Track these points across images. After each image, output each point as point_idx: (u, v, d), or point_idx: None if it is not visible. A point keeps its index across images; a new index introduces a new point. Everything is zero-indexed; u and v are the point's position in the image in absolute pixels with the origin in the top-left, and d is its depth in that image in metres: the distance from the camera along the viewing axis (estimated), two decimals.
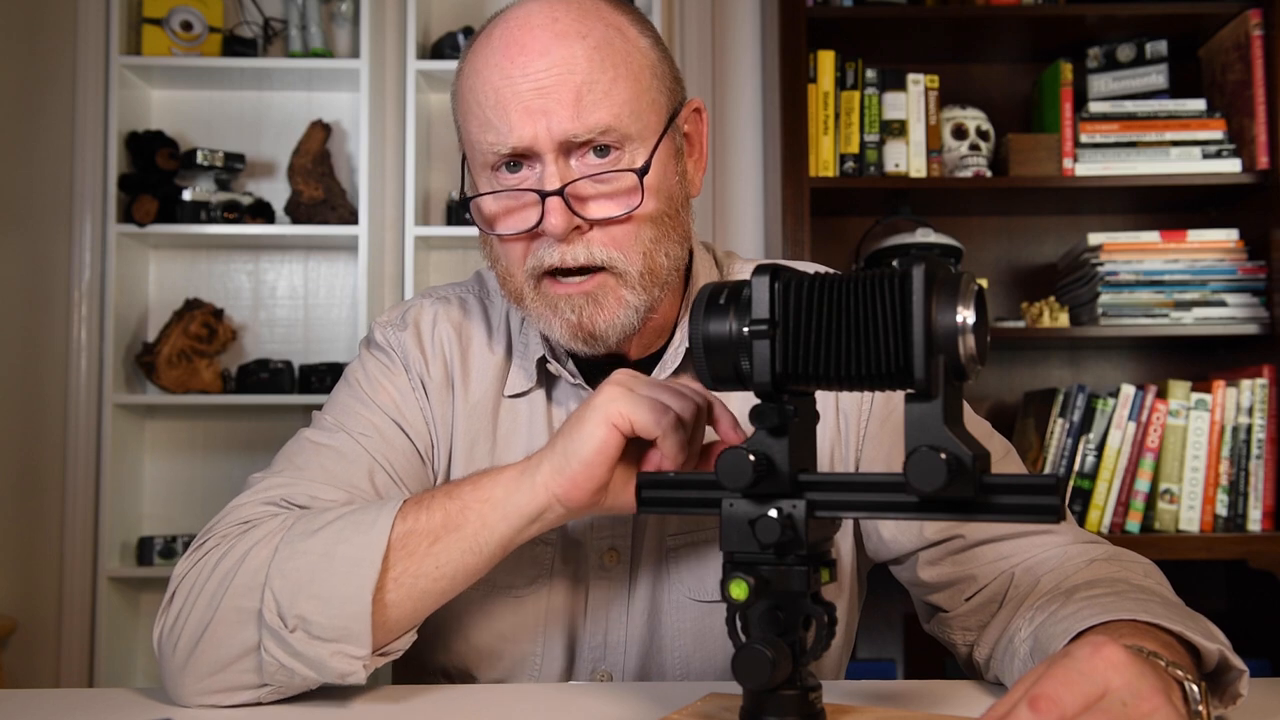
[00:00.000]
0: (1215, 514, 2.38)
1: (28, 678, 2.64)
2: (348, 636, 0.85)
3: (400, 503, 0.90)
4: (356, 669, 0.86)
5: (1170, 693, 0.65)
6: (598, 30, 0.97)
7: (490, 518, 0.88)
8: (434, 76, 2.74)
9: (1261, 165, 2.44)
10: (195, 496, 2.81)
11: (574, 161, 0.97)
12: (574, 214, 0.95)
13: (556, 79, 0.94)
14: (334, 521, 0.89)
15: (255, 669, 0.87)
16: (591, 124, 0.95)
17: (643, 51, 1.00)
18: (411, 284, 2.67)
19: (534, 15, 0.97)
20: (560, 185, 0.95)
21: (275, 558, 0.88)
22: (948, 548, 0.99)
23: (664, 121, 1.00)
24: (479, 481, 0.91)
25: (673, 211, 1.01)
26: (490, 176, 1.00)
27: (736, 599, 0.70)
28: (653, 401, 0.86)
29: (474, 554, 0.89)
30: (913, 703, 0.86)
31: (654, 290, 1.00)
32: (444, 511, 0.89)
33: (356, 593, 0.85)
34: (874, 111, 2.56)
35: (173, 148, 2.72)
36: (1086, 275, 2.55)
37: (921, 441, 0.65)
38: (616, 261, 0.97)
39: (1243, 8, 2.49)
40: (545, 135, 0.95)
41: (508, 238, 0.99)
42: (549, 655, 1.05)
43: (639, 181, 0.97)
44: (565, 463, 0.86)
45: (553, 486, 0.87)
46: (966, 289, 0.66)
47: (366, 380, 1.09)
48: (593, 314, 0.98)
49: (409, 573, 0.87)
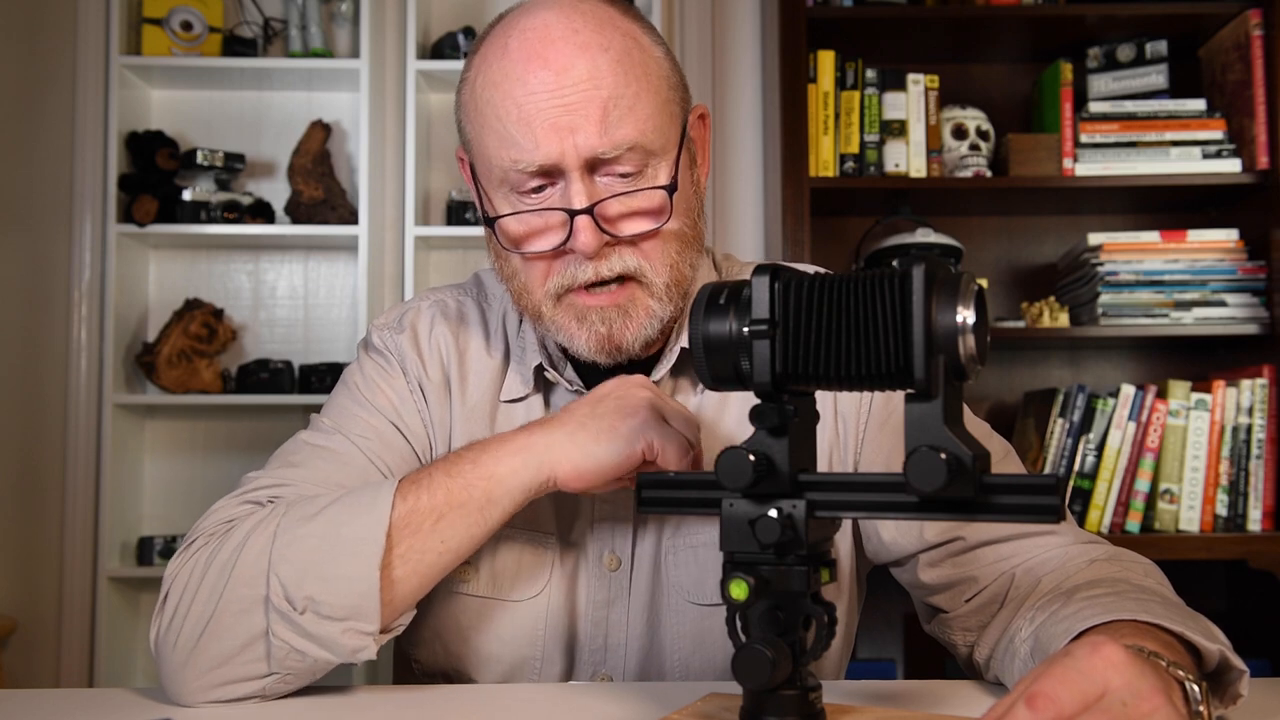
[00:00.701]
0: (1215, 514, 2.38)
1: (28, 678, 2.64)
2: (358, 614, 0.87)
3: (395, 483, 0.92)
4: (368, 644, 0.88)
5: (1171, 693, 0.65)
6: (618, 42, 0.95)
7: (495, 493, 0.92)
8: (434, 76, 2.74)
9: (1261, 165, 2.44)
10: (195, 496, 2.81)
11: (599, 177, 0.96)
12: (604, 231, 0.95)
13: (582, 95, 0.93)
14: (329, 506, 0.91)
15: (263, 657, 0.87)
16: (619, 140, 0.94)
17: (658, 62, 0.99)
18: (411, 284, 2.67)
19: (553, 26, 0.95)
20: (589, 203, 0.94)
21: (275, 544, 0.88)
22: (948, 549, 0.99)
23: (680, 132, 1.00)
24: (478, 459, 0.93)
25: (692, 222, 1.02)
26: (508, 193, 0.98)
27: (736, 599, 0.70)
28: (681, 439, 0.92)
29: (479, 526, 0.92)
30: (913, 703, 0.86)
31: (678, 300, 1.01)
32: (445, 490, 0.91)
33: (365, 571, 0.87)
34: (874, 111, 2.56)
35: (173, 148, 2.72)
36: (1086, 275, 2.55)
37: (921, 441, 0.65)
38: (646, 272, 0.98)
39: (1243, 8, 2.49)
40: (573, 153, 0.93)
41: (532, 256, 0.99)
42: (549, 659, 1.05)
43: (668, 198, 0.96)
44: (581, 459, 0.91)
45: (559, 471, 0.92)
46: (966, 289, 0.66)
47: (364, 383, 1.09)
48: (622, 326, 0.98)
49: (415, 549, 0.90)
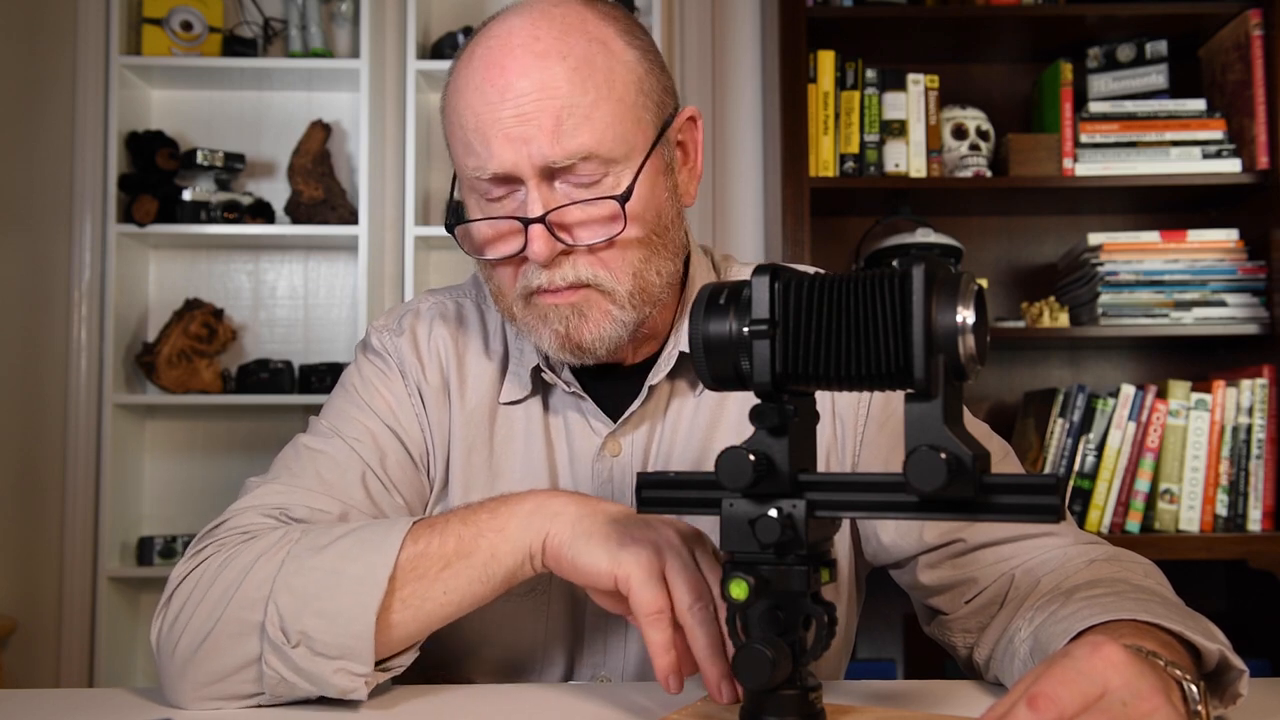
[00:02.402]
0: (1215, 514, 2.38)
1: (28, 678, 2.64)
2: (350, 654, 0.85)
3: (410, 524, 0.89)
4: (358, 685, 0.86)
5: (1170, 692, 0.65)
6: (579, 48, 0.95)
7: (500, 549, 0.88)
8: (434, 76, 2.74)
9: (1261, 165, 2.44)
10: (195, 496, 2.81)
11: (558, 184, 0.96)
12: (557, 239, 0.95)
13: (535, 104, 0.93)
14: (342, 538, 0.89)
15: (255, 680, 0.87)
16: (572, 149, 0.93)
17: (628, 66, 0.97)
18: (411, 284, 2.68)
19: (515, 34, 0.95)
20: (543, 212, 0.94)
21: (281, 572, 0.87)
22: (947, 551, 0.99)
23: (651, 138, 0.98)
24: (496, 510, 0.90)
25: (662, 229, 1.00)
26: (477, 198, 0.99)
27: (736, 599, 0.70)
28: (660, 598, 0.81)
29: (482, 583, 0.88)
30: (913, 703, 0.86)
31: (645, 308, 1.00)
32: (457, 537, 0.88)
33: (361, 611, 0.85)
34: (874, 111, 2.56)
35: (173, 148, 2.72)
36: (1086, 275, 2.55)
37: (921, 441, 0.65)
38: (604, 280, 0.97)
39: (1243, 8, 2.49)
40: (526, 162, 0.93)
41: (496, 262, 0.99)
42: (550, 659, 1.05)
43: (621, 208, 0.95)
44: (571, 546, 0.85)
45: (549, 547, 0.86)
46: (966, 289, 0.66)
47: (362, 385, 1.09)
48: (579, 326, 0.97)
49: (417, 594, 0.87)
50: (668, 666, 0.80)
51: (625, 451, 1.06)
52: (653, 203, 0.99)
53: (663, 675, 0.80)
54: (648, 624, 0.81)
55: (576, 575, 0.85)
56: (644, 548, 0.83)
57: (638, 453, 1.06)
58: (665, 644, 0.80)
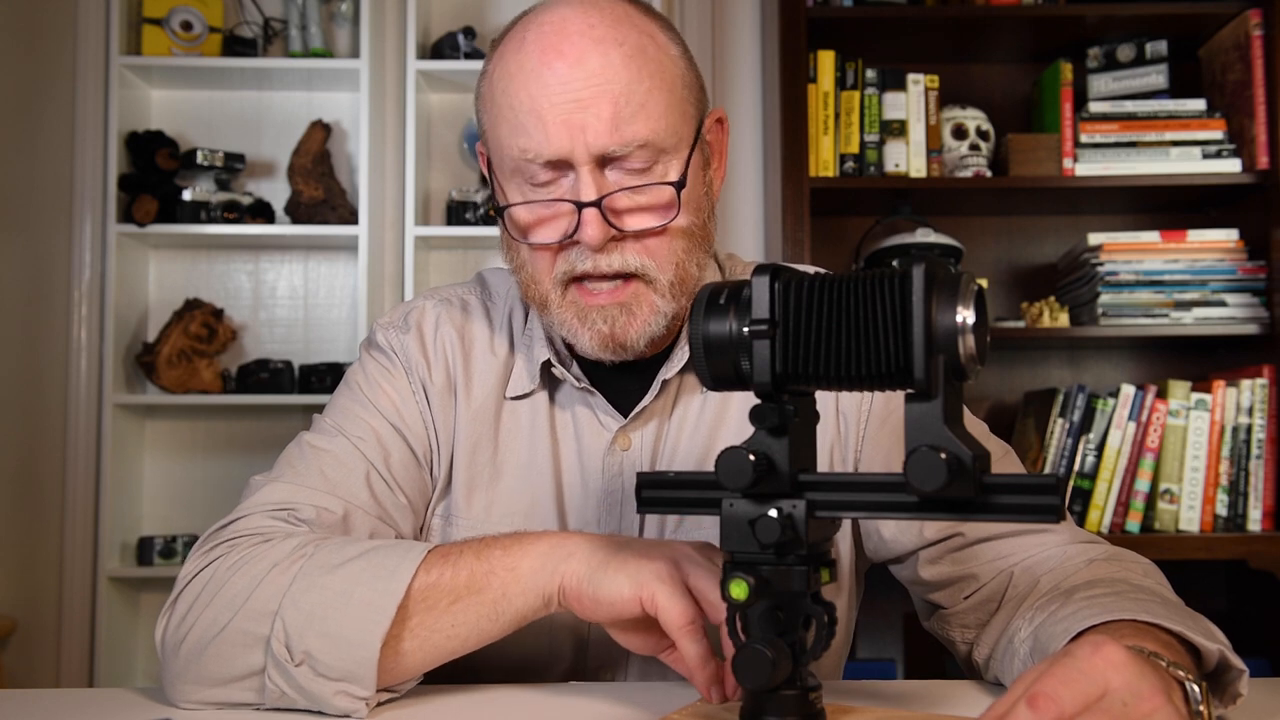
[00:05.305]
0: (1215, 514, 2.38)
1: (28, 678, 2.64)
2: (352, 678, 0.84)
3: (424, 552, 0.88)
4: (359, 708, 0.85)
5: (1171, 693, 0.65)
6: (633, 38, 0.96)
7: (511, 590, 0.87)
8: (434, 76, 2.74)
9: (1261, 165, 2.44)
10: (195, 496, 2.81)
11: (609, 171, 0.96)
12: (610, 225, 0.95)
13: (595, 90, 0.93)
14: (356, 559, 0.88)
15: (256, 690, 0.87)
16: (629, 137, 0.94)
17: (674, 60, 0.99)
18: (411, 284, 2.67)
19: (569, 21, 0.96)
20: (598, 197, 0.94)
21: (291, 588, 0.87)
22: (947, 546, 0.99)
23: (694, 132, 1.00)
24: (510, 547, 0.89)
25: (701, 222, 1.01)
26: (520, 182, 0.99)
27: (736, 599, 0.70)
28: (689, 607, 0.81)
29: (490, 621, 0.88)
30: (913, 703, 0.86)
31: (683, 299, 1.01)
32: (469, 571, 0.88)
33: (367, 638, 0.84)
34: (874, 111, 2.56)
35: (173, 148, 2.72)
36: (1086, 275, 2.55)
37: (921, 441, 0.65)
38: (649, 269, 0.98)
39: (1243, 8, 2.49)
40: (583, 148, 0.94)
41: (539, 246, 0.99)
42: (556, 656, 1.05)
43: (676, 195, 0.96)
44: (590, 581, 0.84)
45: (567, 589, 0.86)
46: (966, 289, 0.66)
47: (366, 383, 1.09)
48: (625, 324, 0.98)
49: (425, 625, 0.87)
50: (709, 678, 0.80)
51: (635, 446, 1.06)
52: (695, 194, 1.00)
53: (705, 687, 0.80)
54: (682, 637, 0.80)
55: (599, 609, 0.84)
56: (662, 562, 0.82)
57: (647, 448, 1.06)
58: (704, 656, 0.80)
